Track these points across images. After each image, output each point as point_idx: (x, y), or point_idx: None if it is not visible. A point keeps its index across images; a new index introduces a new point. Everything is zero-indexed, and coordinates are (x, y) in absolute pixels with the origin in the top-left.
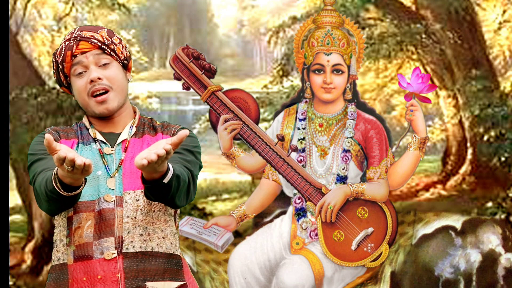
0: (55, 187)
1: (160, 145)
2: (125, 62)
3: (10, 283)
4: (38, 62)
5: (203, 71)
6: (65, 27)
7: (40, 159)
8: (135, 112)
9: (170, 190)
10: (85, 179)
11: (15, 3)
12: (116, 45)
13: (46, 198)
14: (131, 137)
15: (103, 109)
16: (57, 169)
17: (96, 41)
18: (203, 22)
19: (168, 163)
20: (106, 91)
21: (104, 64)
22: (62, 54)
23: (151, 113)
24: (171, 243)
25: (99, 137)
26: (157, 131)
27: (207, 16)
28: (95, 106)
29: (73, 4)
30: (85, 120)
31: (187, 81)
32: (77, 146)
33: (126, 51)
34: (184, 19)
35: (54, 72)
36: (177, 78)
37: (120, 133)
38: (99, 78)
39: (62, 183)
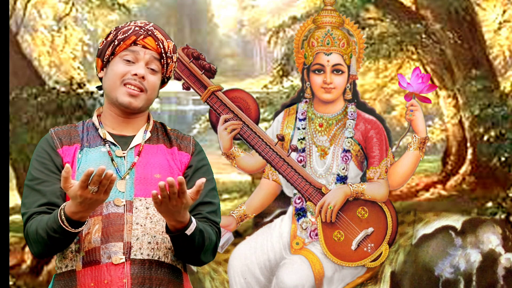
0: (62, 225)
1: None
2: (166, 80)
3: (10, 283)
4: (38, 62)
5: (203, 71)
6: (65, 27)
7: (35, 189)
8: (148, 116)
9: (193, 244)
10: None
11: (15, 3)
12: (172, 62)
13: (46, 238)
14: (145, 142)
15: (127, 101)
16: (63, 208)
17: (161, 47)
18: (203, 22)
19: (192, 217)
20: (141, 91)
21: (152, 69)
22: (126, 35)
23: (151, 113)
24: (174, 255)
25: (109, 138)
26: (172, 143)
27: (207, 16)
28: (122, 95)
29: (73, 4)
30: (94, 119)
31: (187, 81)
32: (81, 151)
33: (173, 71)
34: (184, 19)
35: (102, 42)
36: (177, 78)
37: (132, 136)
38: (142, 77)
39: (69, 220)
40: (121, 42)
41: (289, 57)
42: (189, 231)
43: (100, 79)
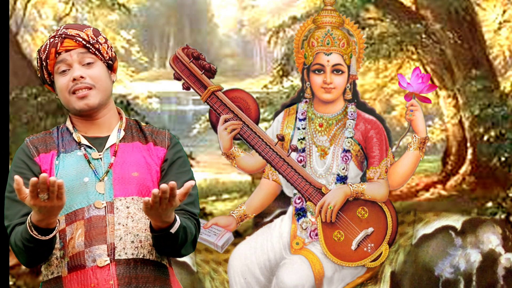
0: (32, 234)
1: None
2: (110, 62)
3: (10, 283)
4: None
5: (203, 71)
6: None
7: (15, 201)
8: (119, 114)
9: (177, 241)
10: (58, 220)
11: (15, 3)
12: (101, 45)
13: (24, 249)
14: (120, 141)
15: (83, 104)
16: (30, 218)
17: (81, 40)
18: (203, 22)
19: (176, 215)
20: (89, 89)
21: (88, 63)
22: (46, 51)
23: (151, 113)
24: (156, 251)
25: (84, 141)
26: (147, 139)
27: (207, 16)
28: (76, 102)
29: (73, 4)
30: (68, 124)
31: (187, 81)
32: (58, 157)
33: (111, 51)
34: (184, 19)
35: (38, 69)
36: (177, 78)
37: (106, 136)
38: (81, 77)
39: (38, 229)
40: (47, 60)
41: (289, 57)
42: (173, 230)
43: None
